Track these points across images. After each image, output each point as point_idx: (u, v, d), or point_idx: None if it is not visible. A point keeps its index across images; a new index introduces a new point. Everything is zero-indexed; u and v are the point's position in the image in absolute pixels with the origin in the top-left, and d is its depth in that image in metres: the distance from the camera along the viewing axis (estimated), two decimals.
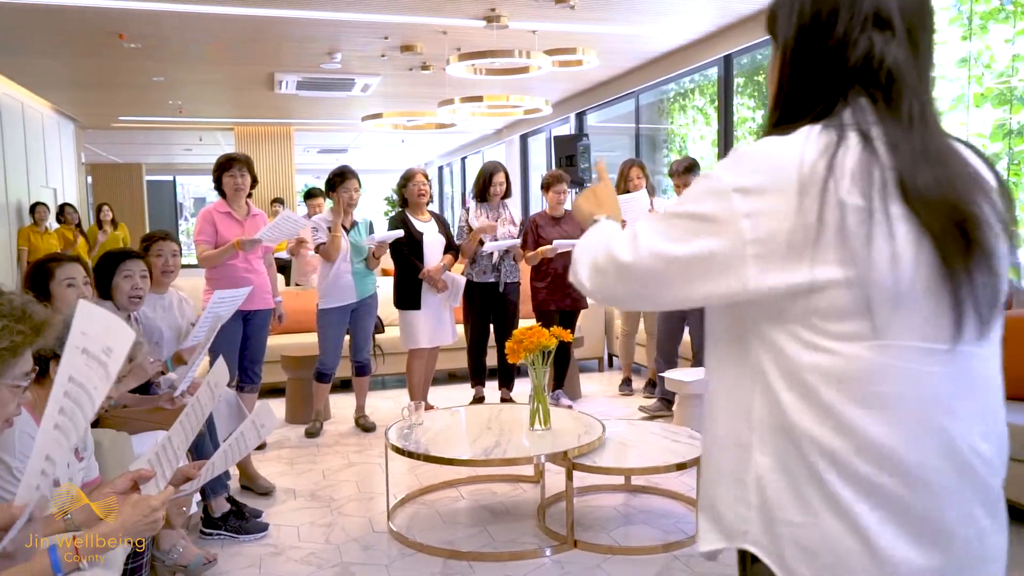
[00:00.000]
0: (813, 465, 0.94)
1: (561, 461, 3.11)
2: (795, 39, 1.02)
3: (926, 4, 1.00)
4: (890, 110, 0.96)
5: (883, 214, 0.90)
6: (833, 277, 0.92)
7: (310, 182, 22.83)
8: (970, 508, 0.96)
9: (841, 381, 0.93)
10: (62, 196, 10.15)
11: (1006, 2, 4.89)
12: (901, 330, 0.92)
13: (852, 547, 0.93)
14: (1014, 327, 3.52)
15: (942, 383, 0.94)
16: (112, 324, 1.31)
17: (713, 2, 5.65)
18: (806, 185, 0.91)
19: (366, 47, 6.66)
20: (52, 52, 6.80)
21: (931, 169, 0.92)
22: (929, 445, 0.93)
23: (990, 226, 0.94)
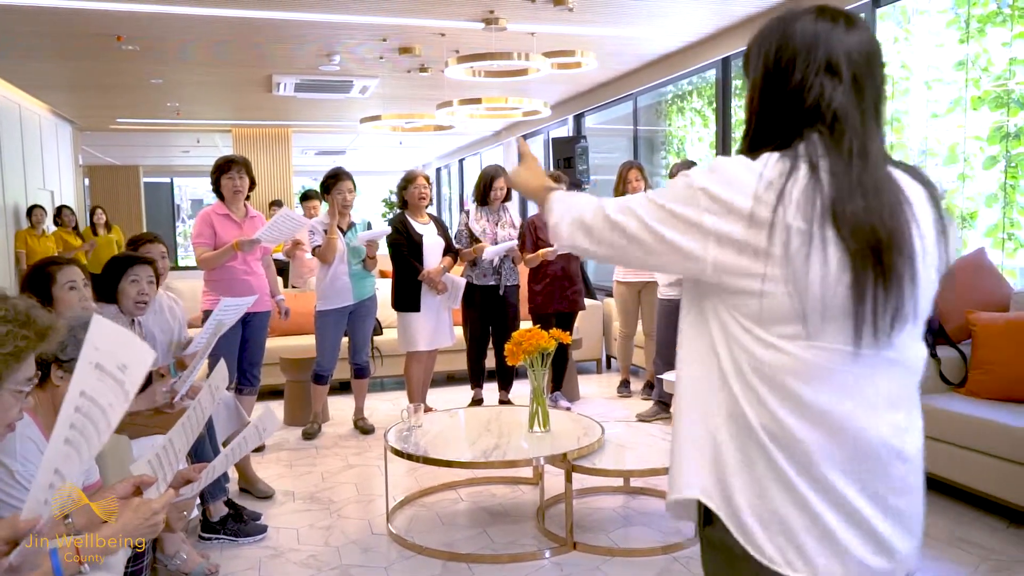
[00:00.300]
0: (759, 438, 1.12)
1: (560, 463, 3.12)
2: (761, 79, 1.20)
3: (872, 56, 1.16)
4: (835, 146, 1.12)
5: (820, 237, 1.07)
6: (778, 288, 1.09)
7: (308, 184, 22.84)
8: (875, 487, 1.13)
9: (785, 371, 1.11)
10: (59, 198, 10.13)
11: (1003, 5, 4.90)
12: (828, 334, 1.10)
13: (793, 511, 1.11)
14: (1014, 330, 3.53)
15: (856, 379, 1.12)
16: (128, 341, 1.30)
17: (711, 5, 5.66)
18: (757, 207, 1.09)
19: (364, 49, 6.66)
20: (50, 54, 6.79)
21: (862, 199, 1.08)
22: (841, 429, 1.11)
23: (904, 250, 1.10)
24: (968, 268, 4.11)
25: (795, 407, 1.11)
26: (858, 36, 1.16)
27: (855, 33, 1.16)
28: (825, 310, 1.09)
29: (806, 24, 1.16)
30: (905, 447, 1.16)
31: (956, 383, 3.72)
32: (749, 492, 1.13)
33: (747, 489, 1.13)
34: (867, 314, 1.09)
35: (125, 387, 1.30)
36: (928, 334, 3.85)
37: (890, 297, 1.10)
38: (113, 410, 1.30)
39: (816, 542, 1.11)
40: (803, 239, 1.07)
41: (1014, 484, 3.14)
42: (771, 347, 1.11)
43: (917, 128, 5.59)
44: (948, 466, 3.42)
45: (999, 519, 3.28)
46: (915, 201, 1.14)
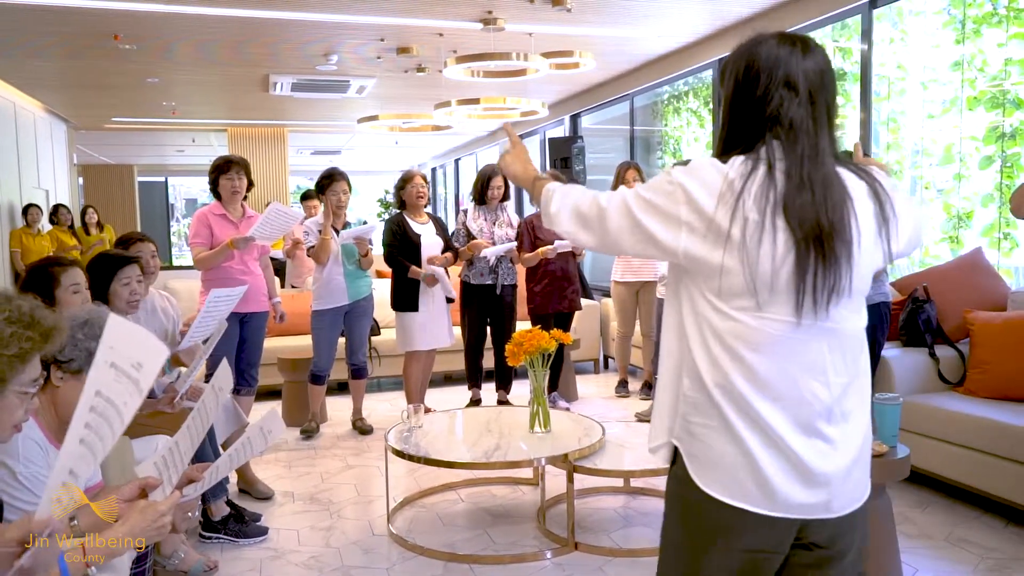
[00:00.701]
0: (712, 395, 1.34)
1: (562, 464, 3.12)
2: (732, 93, 1.40)
3: (825, 75, 1.37)
4: (790, 149, 1.33)
5: (771, 226, 1.29)
6: (735, 267, 1.30)
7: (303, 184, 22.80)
8: (806, 436, 1.33)
9: (736, 337, 1.33)
10: (54, 197, 10.09)
11: (998, 6, 4.92)
12: (774, 306, 1.31)
13: (738, 459, 1.33)
14: (1011, 329, 3.54)
15: (796, 344, 1.33)
16: (143, 339, 1.30)
17: (708, 6, 5.67)
18: (722, 201, 1.30)
19: (362, 49, 6.65)
20: (46, 53, 6.76)
21: (809, 194, 1.30)
22: (780, 386, 1.32)
23: (843, 238, 1.31)
24: (965, 268, 4.13)
25: (743, 368, 1.32)
26: (813, 59, 1.37)
27: (811, 57, 1.37)
28: (772, 286, 1.30)
29: (770, 47, 1.37)
30: (837, 403, 1.35)
31: (954, 382, 3.74)
32: (702, 437, 1.36)
33: (701, 435, 1.36)
34: (807, 290, 1.30)
35: (140, 385, 1.30)
36: (926, 333, 3.88)
37: (828, 276, 1.30)
38: (127, 408, 1.30)
39: (750, 477, 1.32)
40: (756, 227, 1.29)
41: (1012, 483, 3.16)
42: (727, 317, 1.33)
43: (913, 128, 5.61)
44: (947, 465, 3.44)
45: (998, 518, 3.29)
46: (856, 197, 1.35)
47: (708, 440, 1.35)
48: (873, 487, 2.78)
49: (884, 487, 2.79)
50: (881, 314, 3.71)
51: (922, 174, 5.61)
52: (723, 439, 1.34)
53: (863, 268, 1.35)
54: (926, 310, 3.85)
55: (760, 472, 1.32)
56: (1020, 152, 4.75)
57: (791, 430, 1.32)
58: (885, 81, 5.53)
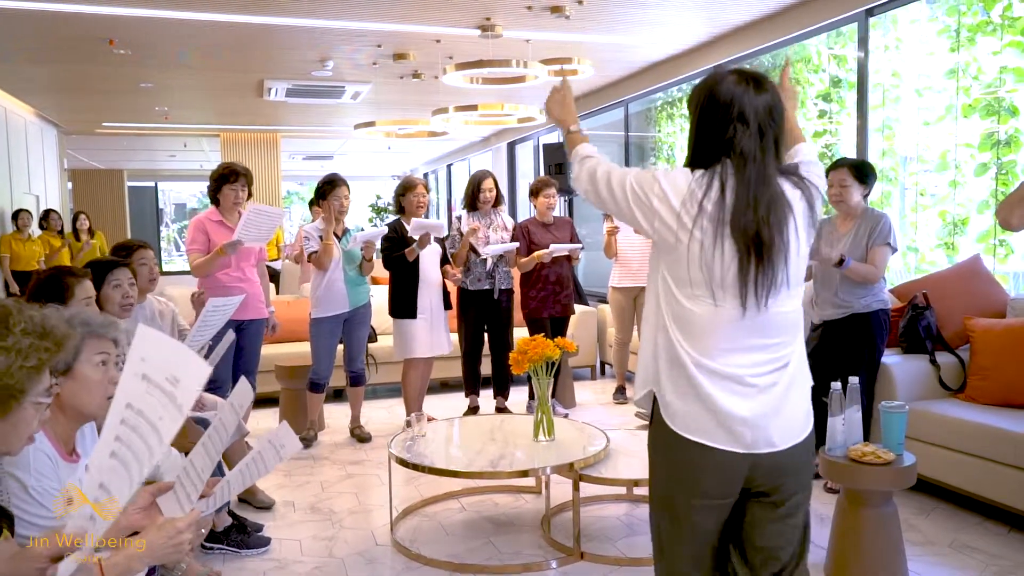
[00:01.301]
0: (679, 356, 1.69)
1: (567, 473, 3.11)
2: (696, 120, 1.71)
3: (773, 109, 1.67)
4: (740, 172, 1.64)
5: (720, 237, 1.63)
6: (693, 264, 1.65)
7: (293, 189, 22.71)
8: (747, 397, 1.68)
9: (689, 321, 1.68)
10: (44, 202, 10.01)
11: (992, 15, 4.96)
12: (725, 298, 1.65)
13: (699, 405, 1.68)
14: (1011, 336, 3.56)
15: (741, 328, 1.67)
16: (178, 352, 1.27)
17: (705, 13, 5.69)
18: (684, 205, 1.65)
19: (358, 55, 6.64)
20: (39, 58, 6.71)
21: (751, 213, 1.62)
22: (726, 362, 1.67)
23: (780, 247, 1.64)
24: (965, 275, 4.15)
25: (698, 345, 1.67)
26: (763, 96, 1.66)
27: (761, 94, 1.66)
28: (723, 283, 1.64)
29: (728, 85, 1.66)
30: (773, 375, 1.70)
31: (955, 389, 3.76)
32: (671, 389, 1.70)
33: (670, 387, 1.70)
34: (749, 288, 1.63)
35: (177, 401, 1.26)
36: (927, 340, 3.90)
37: (766, 277, 1.64)
38: (164, 424, 1.26)
39: (709, 419, 1.67)
40: (710, 237, 1.62)
41: (1014, 489, 3.17)
42: (686, 303, 1.67)
43: (909, 135, 5.65)
44: (949, 471, 3.45)
45: (1001, 524, 3.31)
46: (795, 205, 1.69)
47: (676, 391, 1.69)
48: (880, 495, 2.80)
49: (891, 495, 2.79)
50: (880, 321, 3.72)
51: (917, 180, 5.64)
52: (687, 389, 1.68)
53: (799, 266, 1.71)
54: (926, 317, 3.87)
55: (716, 415, 1.66)
56: (1015, 159, 4.79)
57: (734, 386, 1.67)
58: (880, 88, 5.56)
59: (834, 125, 6.27)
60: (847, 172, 3.74)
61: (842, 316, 3.70)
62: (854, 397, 2.82)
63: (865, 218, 3.73)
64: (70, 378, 1.80)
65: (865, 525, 2.75)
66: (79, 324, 1.81)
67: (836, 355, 3.66)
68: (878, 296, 3.74)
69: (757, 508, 1.75)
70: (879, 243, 3.66)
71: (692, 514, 1.72)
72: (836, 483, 2.99)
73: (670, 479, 1.76)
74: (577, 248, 5.14)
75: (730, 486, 1.71)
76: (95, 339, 1.84)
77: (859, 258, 3.67)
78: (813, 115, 6.62)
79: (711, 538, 1.76)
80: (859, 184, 3.75)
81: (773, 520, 1.74)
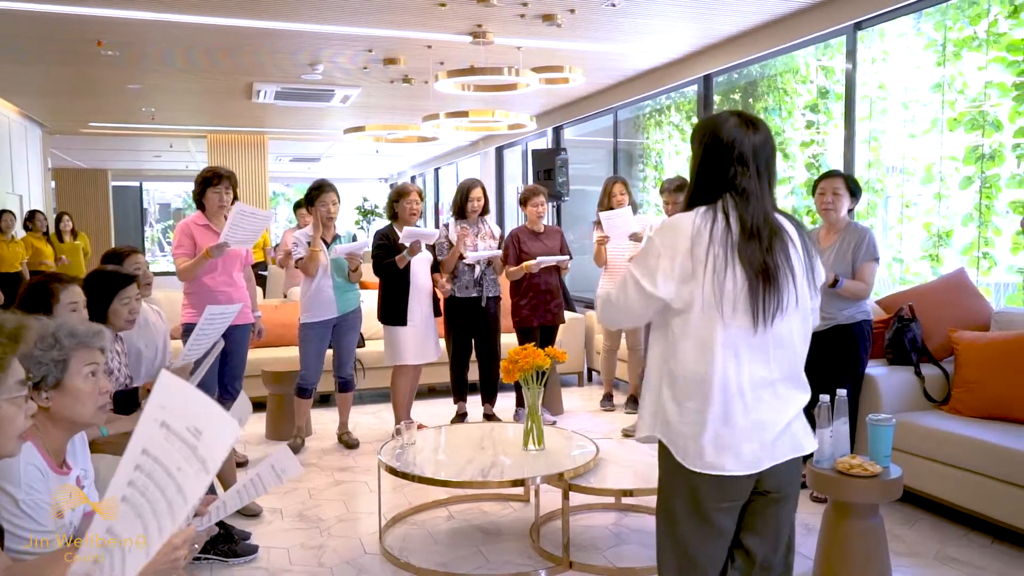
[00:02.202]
0: (687, 386, 1.84)
1: (557, 482, 3.12)
2: (699, 159, 1.89)
3: (767, 145, 1.87)
4: (743, 208, 1.82)
5: (731, 262, 1.78)
6: (708, 290, 1.79)
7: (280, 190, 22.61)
8: (752, 414, 1.83)
9: (708, 340, 1.81)
10: (28, 203, 9.90)
11: (978, 31, 5.04)
12: (736, 318, 1.80)
13: (699, 432, 1.83)
14: (994, 349, 3.60)
15: (752, 346, 1.82)
16: (203, 404, 1.23)
17: (695, 23, 5.73)
18: (695, 242, 1.80)
19: (349, 59, 6.63)
20: (26, 58, 6.65)
21: (757, 243, 1.80)
22: (737, 376, 1.82)
23: (783, 270, 1.81)
24: (949, 287, 4.20)
25: (716, 360, 1.80)
26: (760, 135, 1.86)
27: (758, 134, 1.86)
28: (735, 304, 1.78)
29: (729, 127, 1.85)
30: (777, 383, 1.85)
31: (940, 401, 3.80)
32: (678, 422, 1.85)
33: (676, 421, 1.85)
34: (759, 309, 1.79)
35: (199, 453, 1.21)
36: (912, 352, 3.94)
37: (774, 298, 1.80)
38: (184, 476, 1.22)
39: (713, 450, 1.81)
40: (722, 261, 1.78)
41: (997, 501, 3.21)
42: (703, 325, 1.81)
43: (894, 147, 5.71)
44: (933, 483, 3.49)
45: (985, 535, 3.35)
46: (793, 237, 1.88)
47: (684, 429, 1.84)
48: (866, 507, 2.83)
49: (877, 507, 2.82)
50: (863, 332, 3.76)
51: (903, 192, 5.71)
52: (693, 422, 1.82)
53: (803, 289, 1.86)
54: (912, 329, 3.91)
55: (727, 446, 1.81)
56: (999, 173, 4.85)
57: (743, 409, 1.81)
58: (868, 100, 5.63)
59: (821, 136, 6.33)
60: (841, 181, 3.79)
61: (826, 328, 3.73)
62: (842, 409, 2.84)
63: (848, 232, 3.77)
64: (61, 392, 1.78)
65: (851, 536, 2.78)
66: (66, 336, 1.80)
67: (820, 366, 3.68)
68: (861, 307, 3.78)
69: (759, 501, 1.93)
70: (867, 259, 3.70)
71: (715, 517, 1.89)
72: (823, 494, 3.01)
73: (689, 500, 1.90)
74: (565, 260, 5.16)
75: (742, 495, 1.91)
76: (84, 350, 1.83)
77: (843, 271, 3.70)
78: (801, 125, 6.69)
79: (729, 536, 1.95)
80: (850, 196, 3.79)
81: (772, 505, 1.93)
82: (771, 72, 6.83)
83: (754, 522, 1.94)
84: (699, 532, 1.90)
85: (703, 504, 1.87)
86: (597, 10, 5.27)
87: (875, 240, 3.74)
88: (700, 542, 1.91)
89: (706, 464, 1.83)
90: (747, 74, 6.97)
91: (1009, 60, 4.84)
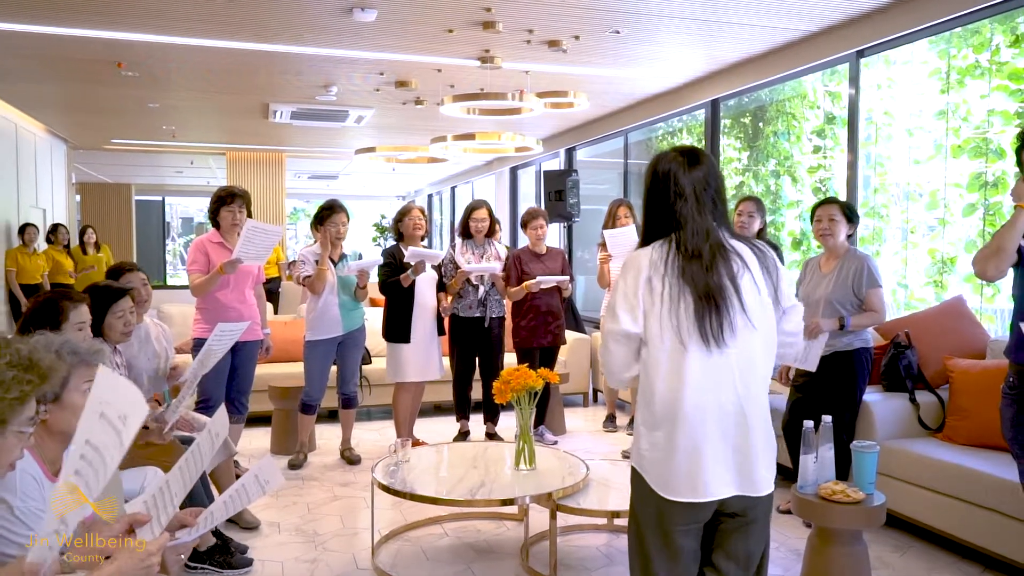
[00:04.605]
0: (655, 415, 1.93)
1: (546, 502, 3.16)
2: (645, 197, 2.03)
3: (708, 178, 1.97)
4: (685, 234, 1.94)
5: (680, 288, 1.90)
6: (666, 317, 1.89)
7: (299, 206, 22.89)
8: (721, 440, 1.90)
9: (668, 366, 1.90)
10: (51, 216, 10.15)
11: (981, 59, 5.07)
12: (691, 341, 1.88)
13: (669, 458, 1.91)
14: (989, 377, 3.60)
15: (710, 366, 1.89)
16: (130, 394, 1.35)
17: (702, 50, 5.81)
18: (650, 274, 1.92)
19: (362, 81, 6.77)
20: (50, 78, 6.87)
21: (699, 266, 1.90)
22: (702, 399, 1.89)
23: (729, 290, 1.89)
24: (947, 315, 4.21)
25: (678, 386, 1.88)
26: (698, 168, 1.96)
27: (696, 167, 1.96)
28: (688, 328, 1.88)
29: (665, 164, 1.98)
30: (744, 409, 1.90)
31: (934, 428, 3.80)
32: (648, 449, 1.93)
33: (647, 447, 1.94)
34: (706, 329, 1.87)
35: (122, 437, 1.36)
36: (907, 379, 3.95)
37: (717, 317, 1.87)
38: (112, 459, 1.36)
39: (681, 478, 1.89)
40: (676, 289, 1.89)
41: (988, 531, 3.20)
42: (666, 355, 1.90)
43: (899, 173, 5.73)
44: (925, 510, 3.49)
45: (975, 564, 3.34)
46: (748, 259, 1.96)
47: (654, 456, 1.92)
48: (850, 533, 2.85)
49: (861, 533, 2.84)
50: (862, 360, 3.77)
51: (908, 218, 5.72)
52: (664, 449, 1.90)
53: (755, 309, 1.92)
54: (907, 356, 3.92)
55: (693, 474, 1.88)
56: (1002, 201, 4.86)
57: (711, 436, 1.87)
58: (873, 126, 5.66)
59: (828, 160, 6.37)
60: (837, 208, 3.82)
61: (825, 354, 3.75)
62: (827, 435, 2.87)
63: (848, 258, 3.80)
64: (59, 406, 1.87)
65: (835, 562, 2.79)
66: (69, 354, 1.89)
67: (819, 393, 3.72)
68: (860, 335, 3.79)
69: (726, 523, 1.98)
70: (871, 287, 3.71)
71: (677, 538, 1.95)
72: (806, 520, 3.03)
73: (656, 522, 1.97)
74: (565, 280, 5.21)
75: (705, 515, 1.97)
76: (84, 367, 1.91)
77: (842, 297, 3.72)
78: (808, 150, 6.72)
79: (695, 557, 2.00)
80: (847, 222, 3.82)
81: (740, 528, 1.98)
82: (780, 97, 6.89)
83: (724, 542, 2.00)
84: (663, 553, 1.96)
85: (666, 525, 1.94)
86: (602, 37, 5.37)
87: (875, 266, 3.75)
88: (664, 562, 1.97)
89: (673, 491, 1.90)
90: (756, 98, 7.03)
91: (1012, 89, 4.86)
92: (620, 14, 4.91)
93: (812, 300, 3.75)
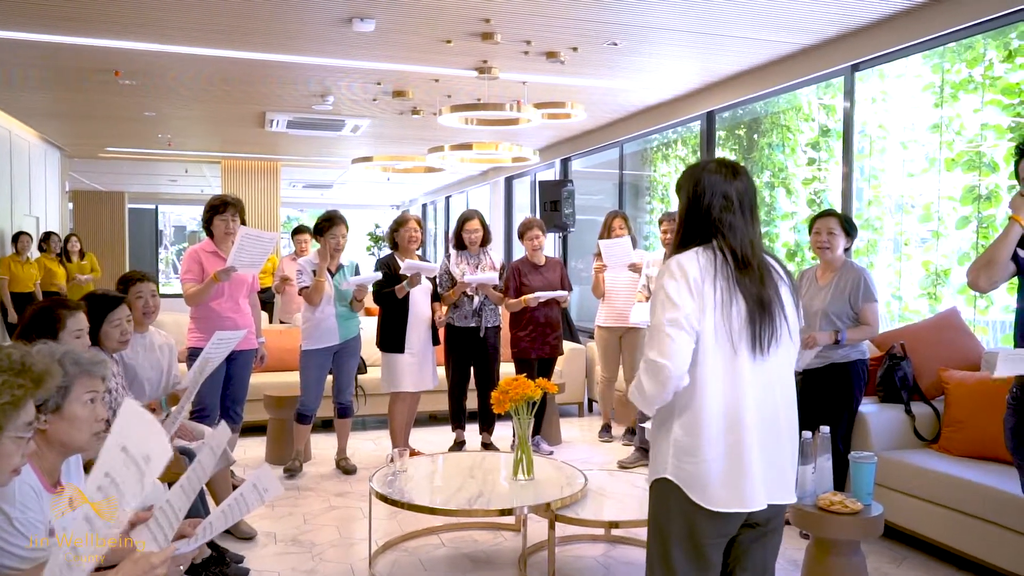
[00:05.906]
0: (699, 423, 1.90)
1: (544, 513, 3.16)
2: (687, 205, 2.03)
3: (750, 189, 2.02)
4: (733, 244, 1.96)
5: (734, 295, 1.91)
6: (719, 322, 1.90)
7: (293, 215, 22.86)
8: (757, 448, 1.91)
9: (720, 370, 1.90)
10: (45, 224, 10.10)
11: (975, 73, 5.12)
12: (742, 348, 1.90)
13: (706, 468, 1.89)
14: (983, 389, 3.62)
15: (755, 372, 1.91)
16: (154, 432, 1.34)
17: (697, 63, 5.85)
18: (700, 280, 1.91)
19: (359, 91, 6.79)
20: (46, 86, 6.85)
21: (749, 276, 1.94)
22: (748, 410, 1.90)
23: (777, 302, 1.95)
24: (942, 327, 4.23)
25: (729, 391, 1.89)
26: (740, 180, 2.01)
27: (739, 179, 2.01)
28: (740, 334, 1.90)
29: (711, 174, 2.01)
30: (780, 416, 1.95)
31: (930, 439, 3.82)
32: (688, 459, 1.90)
33: (687, 457, 1.90)
34: (757, 338, 1.91)
35: (144, 480, 1.33)
36: (903, 390, 3.96)
37: (769, 327, 1.92)
38: (130, 500, 1.34)
39: (722, 487, 1.88)
40: (727, 293, 1.91)
41: (984, 542, 3.21)
42: (713, 360, 1.89)
43: (893, 185, 5.78)
44: (921, 522, 3.50)
45: (970, 575, 3.34)
46: (782, 274, 2.03)
47: (692, 466, 1.89)
48: (847, 543, 2.86)
49: (859, 544, 2.85)
50: (858, 371, 3.79)
51: (902, 230, 5.76)
52: (700, 459, 1.88)
53: (792, 320, 2.00)
54: (903, 367, 3.94)
55: (738, 483, 1.88)
56: (995, 214, 4.90)
57: (751, 446, 1.88)
58: (867, 139, 5.71)
59: (823, 172, 6.41)
60: (836, 221, 3.84)
61: (821, 365, 3.77)
62: (825, 446, 2.88)
63: (844, 270, 3.82)
64: (59, 416, 1.85)
65: (833, 573, 2.80)
66: (71, 364, 1.88)
67: (816, 404, 3.73)
68: (857, 346, 3.81)
69: (747, 533, 1.98)
70: (867, 301, 3.72)
71: (708, 551, 1.95)
72: (805, 530, 3.04)
73: (687, 534, 1.95)
74: (564, 295, 5.22)
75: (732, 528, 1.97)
76: (86, 378, 1.90)
77: (839, 309, 3.73)
78: (803, 162, 6.77)
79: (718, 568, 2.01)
80: (845, 235, 3.84)
81: (759, 539, 2.00)
82: (775, 109, 6.94)
83: (743, 555, 2.00)
84: (693, 567, 1.95)
85: (700, 538, 1.92)
86: (599, 49, 5.40)
87: (871, 280, 3.77)
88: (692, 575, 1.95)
89: (714, 500, 1.88)
90: (752, 110, 7.08)
91: (1005, 103, 4.91)
92: (618, 26, 4.94)
93: (809, 312, 3.76)
